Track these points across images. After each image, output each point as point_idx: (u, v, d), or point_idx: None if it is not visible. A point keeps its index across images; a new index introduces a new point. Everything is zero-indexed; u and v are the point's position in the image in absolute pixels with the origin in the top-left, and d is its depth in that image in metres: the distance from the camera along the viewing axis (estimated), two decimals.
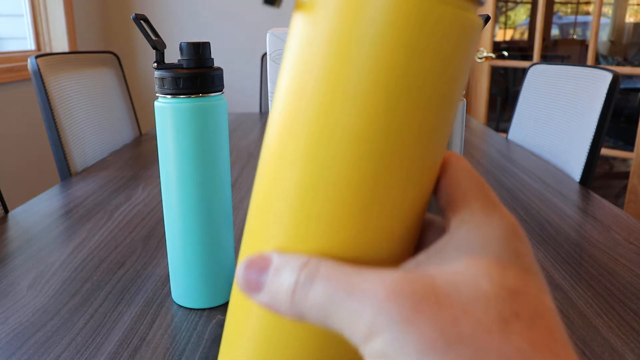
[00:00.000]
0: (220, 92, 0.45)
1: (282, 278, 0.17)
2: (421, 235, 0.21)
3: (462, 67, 0.17)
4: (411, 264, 0.17)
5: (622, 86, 2.99)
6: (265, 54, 1.83)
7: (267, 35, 0.39)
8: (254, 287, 0.18)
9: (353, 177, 0.17)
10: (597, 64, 2.25)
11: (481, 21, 0.17)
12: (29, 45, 1.93)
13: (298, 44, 0.17)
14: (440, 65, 0.16)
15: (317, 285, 0.16)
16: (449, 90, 0.17)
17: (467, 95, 2.34)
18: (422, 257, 0.17)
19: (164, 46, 0.44)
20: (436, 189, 0.20)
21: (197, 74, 0.43)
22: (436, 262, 0.16)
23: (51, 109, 1.05)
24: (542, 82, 1.27)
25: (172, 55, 2.27)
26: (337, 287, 0.16)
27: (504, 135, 1.38)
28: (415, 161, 0.17)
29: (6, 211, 0.81)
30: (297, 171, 0.17)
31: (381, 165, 0.16)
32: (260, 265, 0.18)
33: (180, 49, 0.43)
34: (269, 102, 0.43)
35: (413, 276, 0.15)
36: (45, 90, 1.05)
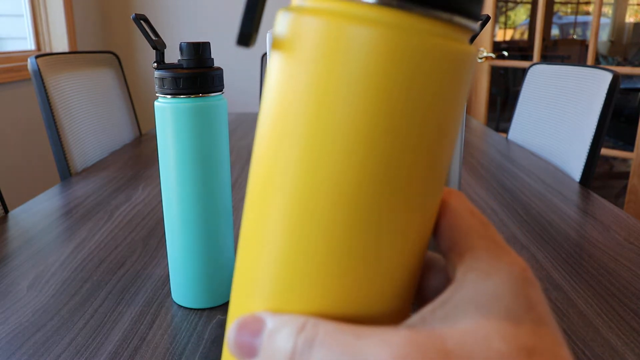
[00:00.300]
0: (220, 92, 0.45)
1: (278, 343, 0.15)
2: (422, 277, 0.20)
3: (456, 101, 0.16)
4: (415, 319, 0.16)
5: (622, 86, 2.99)
6: (265, 54, 1.83)
7: (267, 35, 0.39)
8: (247, 352, 0.16)
9: (344, 230, 0.16)
10: (597, 64, 2.25)
11: (476, 51, 0.16)
12: (29, 45, 1.93)
13: (275, 90, 0.16)
14: (431, 102, 0.15)
15: (316, 351, 0.15)
16: (443, 127, 0.16)
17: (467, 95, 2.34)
18: (427, 311, 0.16)
19: (164, 46, 0.44)
20: (436, 232, 0.18)
21: (197, 74, 0.42)
22: (442, 317, 0.15)
23: (51, 109, 1.05)
24: (542, 82, 1.27)
25: (172, 55, 2.27)
26: (338, 353, 0.14)
27: (504, 135, 1.38)
28: (410, 207, 0.16)
29: (6, 211, 0.81)
30: (284, 225, 0.16)
31: (373, 214, 0.15)
32: (253, 327, 0.16)
33: (180, 49, 0.43)
34: None
35: (420, 338, 0.14)
36: (45, 90, 1.04)
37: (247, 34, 0.16)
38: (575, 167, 1.03)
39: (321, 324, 0.15)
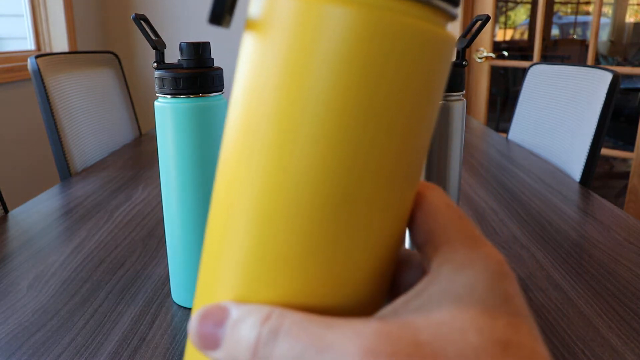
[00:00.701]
0: (220, 92, 0.45)
1: (242, 333, 0.15)
2: (397, 273, 0.19)
3: (431, 86, 0.15)
4: (387, 310, 0.15)
5: (622, 86, 2.98)
6: None
7: None
8: (210, 343, 0.16)
9: (312, 220, 0.15)
10: (597, 64, 2.25)
11: (454, 38, 0.16)
12: (29, 45, 1.93)
13: (248, 70, 0.16)
14: (405, 84, 0.14)
15: (282, 341, 0.14)
16: (418, 114, 0.15)
17: (467, 95, 2.34)
18: (399, 302, 0.15)
19: (164, 46, 0.44)
20: (412, 225, 0.18)
21: (197, 74, 0.42)
22: (416, 308, 0.15)
23: (51, 109, 1.05)
24: (542, 82, 1.27)
25: (172, 55, 2.27)
26: (305, 343, 0.14)
27: (504, 135, 1.38)
28: (382, 196, 0.15)
29: (6, 211, 0.81)
30: (251, 213, 0.16)
31: (343, 203, 0.15)
32: (217, 317, 0.16)
33: (180, 48, 0.43)
34: None
35: (392, 329, 0.14)
36: (45, 90, 1.04)
37: (220, 13, 0.15)
38: (575, 167, 1.03)
39: (287, 314, 0.15)
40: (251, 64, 0.15)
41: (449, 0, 0.15)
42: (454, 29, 2.09)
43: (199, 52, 0.43)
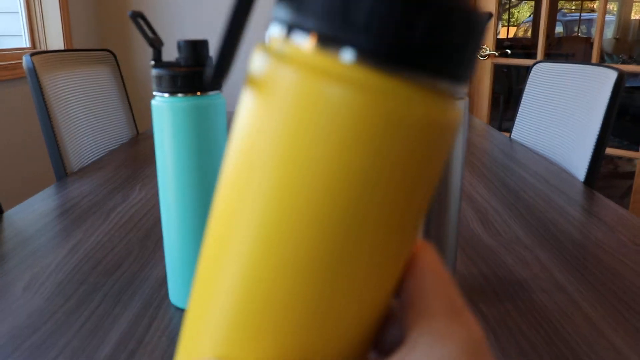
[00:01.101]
0: (219, 91, 0.44)
1: None
2: (381, 326, 0.20)
3: (431, 168, 0.15)
4: None
5: (627, 84, 2.97)
6: None
7: (266, 34, 0.38)
8: None
9: (303, 287, 0.15)
10: (602, 62, 2.23)
11: (458, 119, 0.15)
12: (24, 42, 1.92)
13: (244, 131, 0.16)
14: (403, 170, 0.15)
15: None
16: (415, 195, 0.15)
17: (470, 94, 2.33)
18: None
19: (162, 44, 0.44)
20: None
21: (195, 72, 0.42)
22: None
23: (46, 108, 1.04)
24: (546, 80, 1.26)
25: (170, 53, 2.26)
26: None
27: (507, 134, 1.37)
28: (372, 269, 0.16)
29: (1, 212, 0.81)
30: (240, 272, 0.16)
31: (334, 273, 0.15)
32: None
33: (178, 46, 0.43)
34: None
35: None
36: (41, 88, 1.04)
37: (220, 78, 0.15)
38: (579, 167, 1.02)
39: None
40: (248, 125, 0.16)
41: (459, 81, 0.15)
42: None
43: (197, 50, 0.42)
